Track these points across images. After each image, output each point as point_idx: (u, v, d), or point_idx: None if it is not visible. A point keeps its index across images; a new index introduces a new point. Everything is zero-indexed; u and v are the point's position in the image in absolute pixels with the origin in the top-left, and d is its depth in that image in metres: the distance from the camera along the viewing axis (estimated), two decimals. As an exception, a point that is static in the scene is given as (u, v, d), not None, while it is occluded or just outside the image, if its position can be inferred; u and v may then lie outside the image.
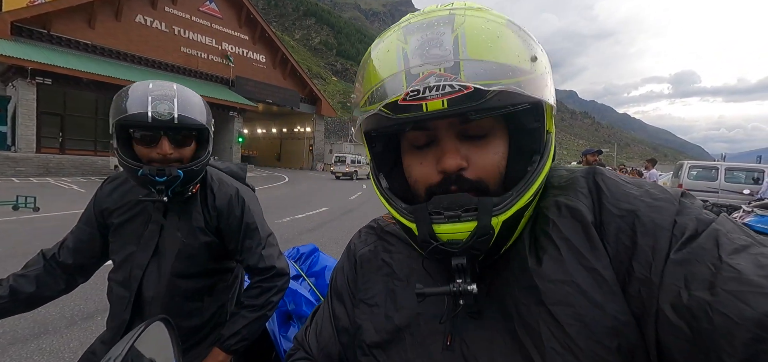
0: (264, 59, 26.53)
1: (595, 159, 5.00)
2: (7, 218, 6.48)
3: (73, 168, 15.23)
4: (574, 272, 0.40)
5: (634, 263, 0.38)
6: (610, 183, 0.44)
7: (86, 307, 3.09)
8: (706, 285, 0.33)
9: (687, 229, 0.38)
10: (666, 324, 0.35)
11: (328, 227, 7.48)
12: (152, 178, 0.91)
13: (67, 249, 1.07)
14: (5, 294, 0.96)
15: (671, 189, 0.43)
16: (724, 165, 10.54)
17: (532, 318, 0.41)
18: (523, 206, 0.41)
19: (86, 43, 17.92)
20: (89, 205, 1.11)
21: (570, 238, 0.42)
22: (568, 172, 0.49)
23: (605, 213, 0.42)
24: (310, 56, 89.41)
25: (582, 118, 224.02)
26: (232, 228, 1.07)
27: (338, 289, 0.61)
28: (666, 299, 0.35)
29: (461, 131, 0.42)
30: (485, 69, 0.36)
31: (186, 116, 0.92)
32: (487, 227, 0.39)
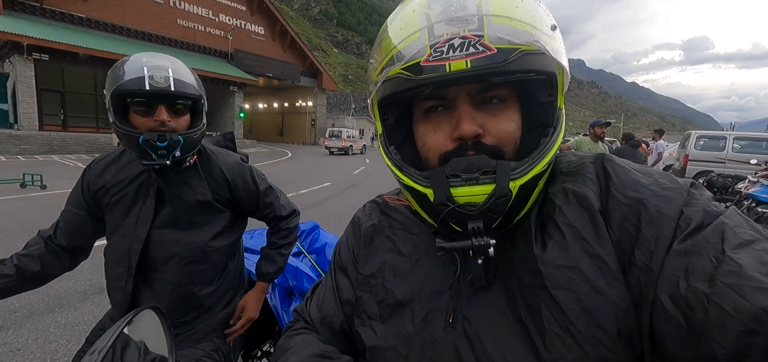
0: (263, 31, 25.88)
1: (603, 131, 4.93)
2: (15, 196, 6.58)
3: (77, 145, 15.27)
4: (577, 258, 0.40)
5: (635, 251, 0.39)
6: (619, 170, 0.44)
7: (97, 281, 3.18)
8: (706, 277, 0.34)
9: (693, 221, 0.37)
10: (662, 313, 0.35)
11: (332, 202, 7.53)
12: (154, 142, 0.93)
13: (61, 231, 1.09)
14: (12, 273, 0.99)
15: (681, 180, 0.43)
16: (733, 134, 10.36)
17: (535, 301, 0.41)
18: (538, 173, 0.41)
19: (80, 16, 17.51)
20: (77, 187, 1.11)
21: (575, 225, 0.42)
22: (577, 158, 0.49)
23: (612, 200, 0.42)
24: (309, 27, 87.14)
25: (589, 88, 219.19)
26: (250, 194, 1.16)
27: (343, 262, 0.62)
28: (664, 288, 0.35)
29: (479, 99, 0.43)
30: (509, 32, 0.37)
31: (182, 81, 0.95)
32: (505, 189, 0.39)
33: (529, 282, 0.42)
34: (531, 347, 0.40)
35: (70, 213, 1.10)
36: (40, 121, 15.25)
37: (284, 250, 1.25)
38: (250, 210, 1.20)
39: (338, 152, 21.94)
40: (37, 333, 2.51)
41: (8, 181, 7.11)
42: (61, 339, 2.46)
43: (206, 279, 1.10)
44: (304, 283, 1.44)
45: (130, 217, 1.05)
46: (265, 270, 1.23)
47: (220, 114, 22.11)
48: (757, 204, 5.77)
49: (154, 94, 0.92)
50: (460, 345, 0.45)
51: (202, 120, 1.05)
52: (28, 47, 14.16)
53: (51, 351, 2.34)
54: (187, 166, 1.06)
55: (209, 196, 1.08)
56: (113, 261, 1.08)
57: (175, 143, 0.95)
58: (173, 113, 0.97)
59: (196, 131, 1.00)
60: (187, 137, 0.97)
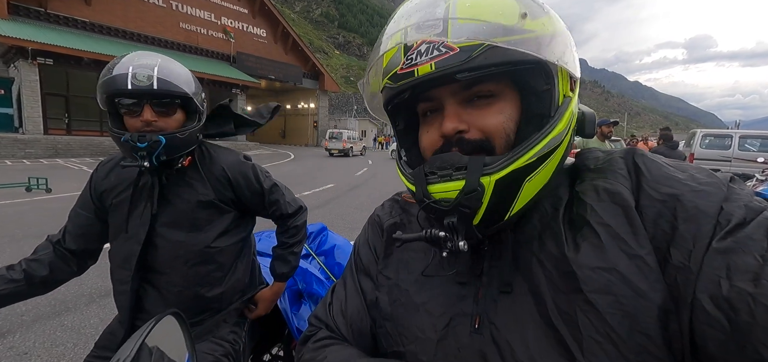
0: (265, 33, 25.98)
1: (610, 130, 4.89)
2: (21, 199, 6.61)
3: (81, 149, 15.36)
4: (615, 259, 0.38)
5: (672, 249, 0.37)
6: (651, 164, 0.42)
7: (103, 285, 3.18)
8: (751, 276, 0.32)
9: (733, 217, 0.36)
10: (702, 315, 0.34)
11: (335, 204, 7.52)
12: (134, 143, 0.91)
13: (70, 235, 1.08)
14: (20, 278, 0.98)
15: (720, 174, 0.41)
16: (738, 132, 10.29)
17: (569, 306, 0.39)
18: (520, 168, 0.40)
19: (84, 20, 17.65)
20: (85, 190, 1.11)
21: (610, 223, 0.40)
22: (604, 154, 0.47)
23: (644, 196, 0.40)
24: (311, 29, 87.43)
25: (591, 88, 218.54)
26: (253, 193, 1.13)
27: (364, 264, 0.60)
28: (704, 289, 0.34)
29: (466, 97, 0.43)
30: (472, 29, 0.38)
31: (167, 81, 0.91)
32: (474, 184, 0.39)
33: (561, 286, 0.40)
34: (566, 354, 0.38)
35: (79, 216, 1.09)
36: (44, 125, 15.34)
37: (295, 248, 1.24)
38: (256, 209, 1.18)
39: (338, 154, 21.83)
40: (44, 336, 2.51)
41: (14, 184, 7.16)
42: (67, 342, 2.46)
43: (214, 280, 1.09)
44: (313, 286, 1.42)
45: (132, 220, 1.04)
46: (279, 271, 1.23)
47: (223, 116, 22.17)
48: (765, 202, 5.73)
49: (136, 93, 0.90)
50: (488, 353, 0.42)
51: (195, 120, 1.01)
52: (33, 52, 14.27)
53: (57, 355, 2.33)
54: (181, 166, 1.03)
55: (212, 196, 1.06)
56: (117, 264, 1.07)
57: (155, 144, 0.90)
58: (161, 113, 0.94)
59: (183, 131, 0.96)
60: (170, 138, 0.92)
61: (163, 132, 0.93)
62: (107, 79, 0.90)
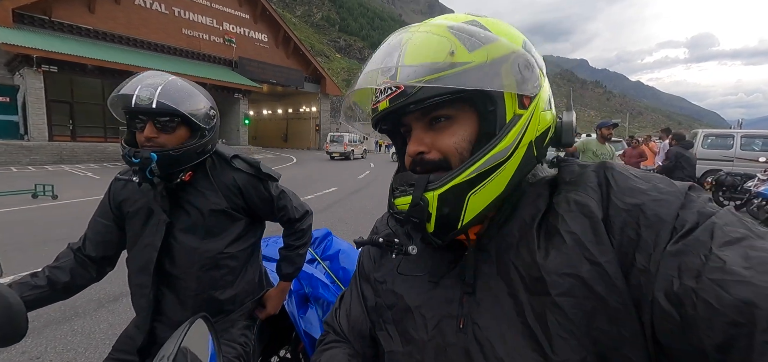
0: (266, 38, 26.14)
1: (610, 132, 4.87)
2: (27, 206, 6.70)
3: (86, 155, 15.49)
4: (579, 265, 0.43)
5: (636, 254, 0.41)
6: (619, 177, 0.46)
7: (112, 290, 3.24)
8: (695, 274, 0.36)
9: (687, 222, 0.39)
10: (658, 310, 0.37)
11: (338, 207, 7.57)
12: (129, 158, 0.97)
13: (90, 242, 1.14)
14: (44, 285, 1.03)
15: (680, 183, 0.45)
16: (740, 132, 10.27)
17: (541, 307, 0.44)
18: (460, 183, 0.45)
19: (88, 28, 17.84)
20: (104, 199, 1.17)
21: (576, 232, 0.44)
22: (579, 168, 0.51)
23: (612, 207, 0.44)
24: (312, 33, 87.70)
25: (593, 88, 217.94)
26: (263, 200, 1.19)
27: (365, 271, 0.66)
28: (660, 288, 0.38)
29: (428, 121, 0.50)
30: (412, 72, 0.46)
31: (163, 102, 0.96)
32: (417, 199, 0.47)
33: (534, 289, 0.45)
34: (538, 349, 0.43)
35: (99, 223, 1.15)
36: (49, 132, 15.49)
37: (301, 250, 1.30)
38: (265, 215, 1.24)
39: (340, 157, 21.85)
40: (55, 341, 2.57)
41: (20, 191, 7.24)
42: (78, 347, 2.51)
43: (226, 283, 1.14)
44: (319, 290, 1.47)
45: (148, 228, 1.09)
46: (285, 271, 1.28)
47: (226, 121, 22.29)
48: (766, 202, 5.71)
49: (137, 111, 0.96)
50: (471, 350, 0.48)
51: (196, 138, 1.05)
52: (38, 59, 14.43)
53: (69, 359, 2.39)
54: (181, 181, 1.07)
55: (224, 205, 1.11)
56: (135, 271, 1.12)
57: (146, 161, 0.95)
58: (163, 130, 0.99)
59: (178, 149, 1.00)
60: (162, 155, 0.97)
61: (161, 148, 0.99)
62: (115, 96, 0.97)
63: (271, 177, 1.21)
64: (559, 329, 0.42)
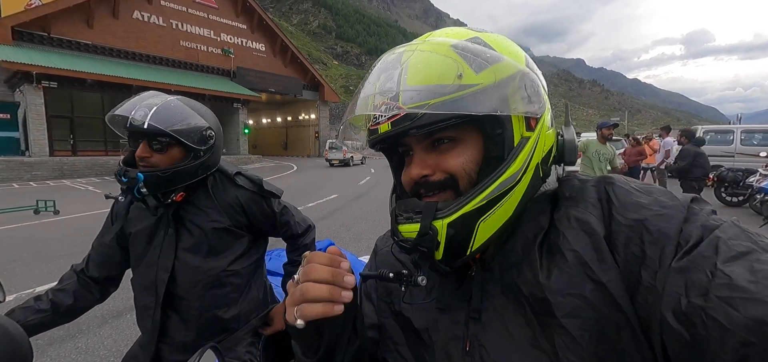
0: (263, 48, 26.28)
1: (610, 132, 4.85)
2: (29, 222, 6.70)
3: (87, 169, 15.53)
4: (581, 284, 0.42)
5: (642, 272, 0.40)
6: (620, 192, 0.45)
7: (115, 306, 3.23)
8: (702, 291, 0.35)
9: (692, 237, 0.39)
10: (668, 331, 0.37)
11: (340, 214, 7.56)
12: (119, 178, 0.98)
13: (93, 263, 1.13)
14: (47, 308, 1.03)
15: (681, 195, 0.44)
16: (740, 127, 10.27)
17: (548, 329, 0.43)
18: (471, 211, 0.44)
19: (86, 43, 17.98)
20: (107, 219, 1.17)
21: (579, 250, 0.43)
22: (579, 182, 0.50)
23: (614, 223, 0.43)
24: (309, 41, 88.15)
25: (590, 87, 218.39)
26: (265, 216, 1.19)
27: (367, 289, 0.65)
28: (668, 306, 0.37)
29: (430, 142, 0.48)
30: (417, 94, 0.43)
31: (153, 124, 0.96)
32: (427, 228, 0.45)
33: (539, 310, 0.44)
34: None
35: (101, 244, 1.15)
36: (50, 147, 15.55)
37: None
38: (268, 231, 1.24)
39: (339, 164, 21.85)
40: (59, 359, 2.56)
41: (22, 208, 7.25)
42: (82, 365, 2.50)
43: (230, 301, 1.13)
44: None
45: (153, 247, 1.09)
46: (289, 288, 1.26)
47: (225, 131, 22.04)
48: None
49: (131, 131, 0.98)
50: None
51: (189, 159, 1.04)
52: (38, 76, 14.52)
53: (73, 378, 2.37)
54: (172, 201, 1.06)
55: (226, 223, 1.11)
56: (141, 291, 1.11)
57: (133, 181, 0.96)
58: (156, 150, 1.00)
59: (166, 170, 1.00)
60: (149, 175, 0.97)
61: (152, 168, 1.00)
62: (113, 114, 0.99)
63: (273, 194, 1.21)
64: (566, 351, 0.41)
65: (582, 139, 5.51)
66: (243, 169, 1.22)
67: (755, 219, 5.99)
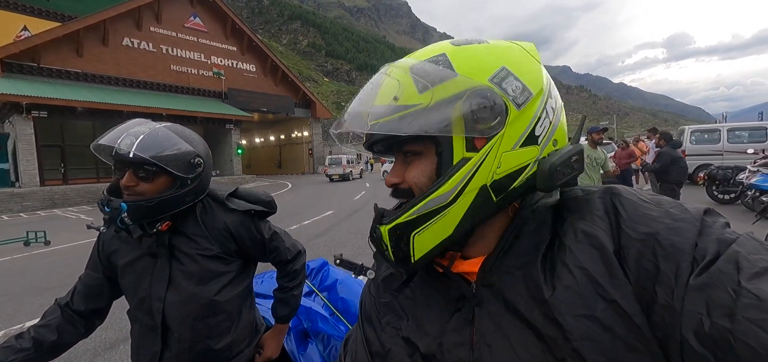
0: (254, 68, 26.46)
1: (600, 137, 4.85)
2: (19, 254, 6.55)
3: (79, 197, 15.32)
4: (593, 304, 0.40)
5: (657, 289, 0.38)
6: (628, 204, 0.44)
7: (108, 337, 3.15)
8: (727, 311, 0.33)
9: (708, 252, 0.37)
10: (691, 354, 0.35)
11: (336, 230, 7.51)
12: (102, 208, 0.96)
13: (79, 295, 1.11)
14: (29, 347, 1.00)
15: (693, 207, 0.42)
16: (726, 126, 10.48)
17: (560, 352, 0.41)
18: (403, 222, 0.46)
19: (76, 72, 17.96)
20: (93, 251, 1.14)
21: (587, 267, 0.41)
22: (583, 193, 0.48)
23: (624, 237, 0.41)
24: (299, 60, 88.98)
25: (578, 92, 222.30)
26: (255, 242, 1.17)
27: (367, 313, 0.62)
28: (689, 327, 0.35)
29: (404, 154, 0.52)
30: (376, 112, 0.48)
31: (139, 154, 0.94)
32: (373, 229, 0.51)
33: (549, 331, 0.42)
34: None
35: (88, 276, 1.12)
36: (40, 177, 15.35)
37: (295, 291, 1.27)
38: (258, 257, 1.22)
39: (339, 179, 21.91)
40: (48, 397, 2.47)
41: (12, 240, 7.10)
42: (72, 401, 2.42)
43: (222, 330, 1.11)
44: (318, 324, 1.44)
45: (144, 278, 1.07)
46: (280, 313, 1.25)
47: (218, 152, 22.27)
48: (760, 193, 5.77)
49: (117, 160, 0.97)
50: None
51: (175, 188, 1.02)
52: (27, 106, 14.43)
53: (63, 416, 2.29)
54: (156, 231, 1.03)
55: (216, 250, 1.09)
56: (137, 323, 1.09)
57: (116, 211, 0.94)
58: (142, 178, 0.98)
59: (151, 200, 0.98)
60: (132, 204, 0.95)
61: (138, 197, 0.97)
62: (98, 144, 0.97)
63: (266, 212, 1.20)
64: None
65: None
66: (240, 189, 1.20)
67: (748, 216, 6.06)
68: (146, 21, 20.73)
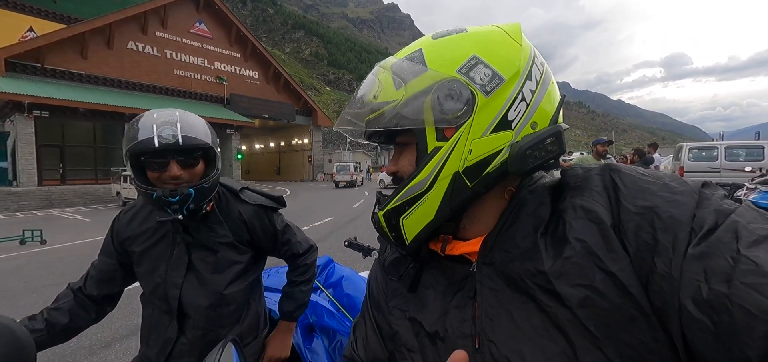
0: (257, 75, 26.66)
1: (605, 149, 4.98)
2: (15, 253, 6.50)
3: (76, 198, 15.26)
4: (591, 274, 0.41)
5: (655, 259, 0.39)
6: (627, 178, 0.44)
7: (103, 336, 3.11)
8: (725, 278, 0.33)
9: (706, 222, 0.37)
10: (689, 320, 0.35)
11: (335, 237, 7.50)
12: (166, 198, 0.95)
13: (92, 280, 1.11)
14: (42, 328, 0.99)
15: (692, 180, 0.43)
16: (724, 144, 10.59)
17: (558, 320, 0.42)
18: (392, 208, 0.50)
19: (80, 73, 18.05)
20: (107, 237, 1.14)
21: (586, 240, 0.42)
22: (583, 170, 0.49)
23: (623, 211, 0.42)
24: (302, 68, 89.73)
25: (577, 108, 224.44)
26: (268, 235, 1.18)
27: (375, 299, 0.63)
28: (687, 294, 0.35)
29: (396, 144, 0.56)
30: (367, 110, 0.53)
31: (190, 137, 0.96)
32: (372, 213, 0.55)
33: (548, 302, 0.43)
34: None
35: (102, 262, 1.13)
36: (39, 177, 15.31)
37: (303, 287, 1.26)
38: (269, 249, 1.22)
39: (346, 185, 23.10)
40: (43, 393, 2.43)
41: (8, 239, 7.05)
42: (68, 398, 2.38)
43: (233, 320, 1.12)
44: (324, 318, 1.44)
45: (161, 265, 1.07)
46: (286, 309, 1.24)
47: (218, 157, 22.32)
48: (757, 209, 5.82)
49: (163, 151, 0.94)
50: None
51: (216, 166, 1.04)
52: (29, 106, 14.47)
53: (58, 412, 2.25)
54: (205, 212, 1.07)
55: (230, 237, 1.10)
56: (151, 308, 1.10)
57: (187, 197, 0.96)
58: (185, 166, 0.98)
59: (207, 180, 1.00)
60: (198, 188, 0.97)
61: (190, 183, 0.97)
62: (135, 139, 0.93)
63: (277, 204, 1.21)
64: (581, 340, 0.40)
65: (574, 157, 5.63)
66: (250, 185, 1.23)
67: (745, 232, 6.10)
68: (152, 25, 20.94)
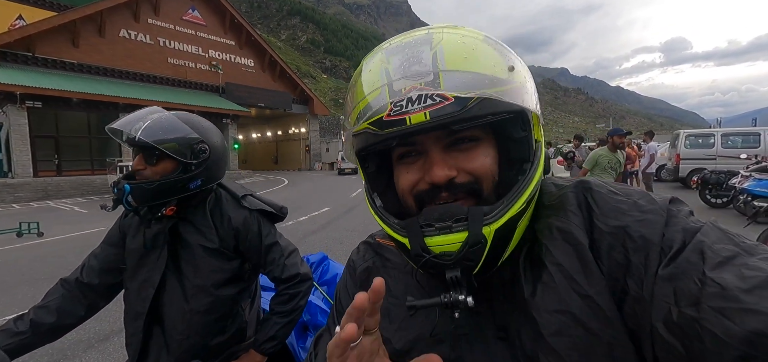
0: (252, 63, 26.30)
1: (622, 140, 4.65)
2: (12, 245, 6.48)
3: (72, 189, 15.16)
4: (568, 300, 0.40)
5: (628, 281, 0.39)
6: (599, 197, 0.44)
7: (102, 329, 3.13)
8: (693, 300, 0.33)
9: (675, 242, 0.38)
10: (661, 342, 0.35)
11: (332, 227, 7.51)
12: (113, 189, 1.01)
13: (91, 270, 1.11)
14: (26, 329, 0.99)
15: (659, 197, 0.43)
16: (720, 131, 10.60)
17: (534, 349, 0.41)
18: (515, 215, 0.40)
19: (72, 62, 17.73)
20: (114, 226, 1.16)
21: (563, 263, 0.41)
22: (557, 189, 0.48)
23: (596, 231, 0.42)
24: (298, 56, 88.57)
25: (575, 95, 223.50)
26: (252, 246, 1.13)
27: (343, 309, 0.60)
28: (658, 316, 0.35)
29: (449, 142, 0.43)
30: (464, 80, 0.37)
31: (142, 138, 0.98)
32: (478, 236, 0.39)
33: (526, 330, 0.42)
34: None
35: (104, 251, 1.14)
36: (34, 168, 15.17)
37: (279, 319, 1.11)
38: (254, 262, 1.15)
39: (350, 172, 23.09)
40: (43, 388, 2.45)
41: (4, 231, 7.02)
42: (67, 392, 2.41)
43: (217, 329, 1.10)
44: (318, 317, 1.44)
45: (145, 263, 1.07)
46: (257, 336, 1.13)
47: (215, 147, 22.13)
48: (752, 198, 5.83)
49: (127, 143, 1.01)
50: None
51: (177, 173, 1.02)
52: (21, 96, 14.24)
53: (57, 407, 2.28)
54: (162, 215, 1.04)
55: (216, 244, 1.08)
56: (129, 306, 1.09)
57: (120, 192, 0.98)
58: (149, 162, 1.02)
59: (151, 182, 0.99)
60: (135, 187, 0.98)
61: (143, 180, 1.01)
62: (110, 127, 1.02)
63: (275, 215, 1.19)
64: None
65: (589, 153, 5.28)
66: (255, 193, 1.21)
67: (740, 220, 6.14)
68: (144, 13, 20.50)
